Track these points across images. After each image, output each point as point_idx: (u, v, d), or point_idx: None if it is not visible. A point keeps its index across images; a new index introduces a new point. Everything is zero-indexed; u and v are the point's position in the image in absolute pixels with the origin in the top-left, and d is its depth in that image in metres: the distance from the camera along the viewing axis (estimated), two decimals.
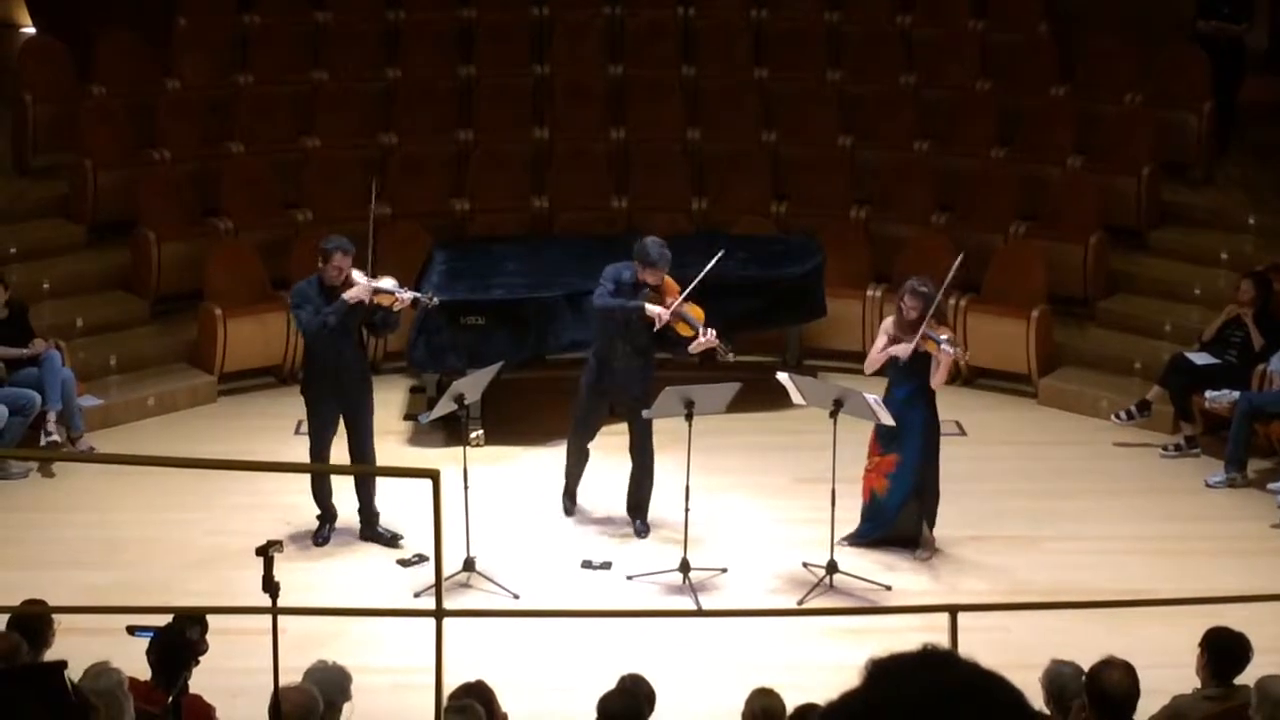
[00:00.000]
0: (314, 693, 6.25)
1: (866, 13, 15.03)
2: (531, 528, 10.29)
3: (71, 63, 13.96)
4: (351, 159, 13.91)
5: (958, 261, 10.17)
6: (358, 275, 9.90)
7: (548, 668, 8.77)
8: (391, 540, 10.16)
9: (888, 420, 9.51)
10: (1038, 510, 10.74)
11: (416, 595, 9.54)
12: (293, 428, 11.85)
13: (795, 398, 9.88)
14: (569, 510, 10.50)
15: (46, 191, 13.59)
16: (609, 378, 10.10)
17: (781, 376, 9.95)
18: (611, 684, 6.62)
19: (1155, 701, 6.51)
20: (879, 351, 9.91)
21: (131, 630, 6.66)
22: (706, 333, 9.89)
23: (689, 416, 9.54)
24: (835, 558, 9.64)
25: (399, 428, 11.82)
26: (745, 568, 9.90)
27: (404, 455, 11.24)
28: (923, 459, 9.84)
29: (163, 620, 6.76)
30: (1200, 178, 13.94)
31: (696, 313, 10.03)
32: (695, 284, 9.94)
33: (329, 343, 9.88)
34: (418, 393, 12.38)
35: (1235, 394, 11.27)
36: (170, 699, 6.21)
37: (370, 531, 10.20)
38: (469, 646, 8.46)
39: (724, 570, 9.84)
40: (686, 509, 9.52)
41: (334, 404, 9.99)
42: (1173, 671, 7.04)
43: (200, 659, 6.76)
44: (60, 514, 10.60)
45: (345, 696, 6.54)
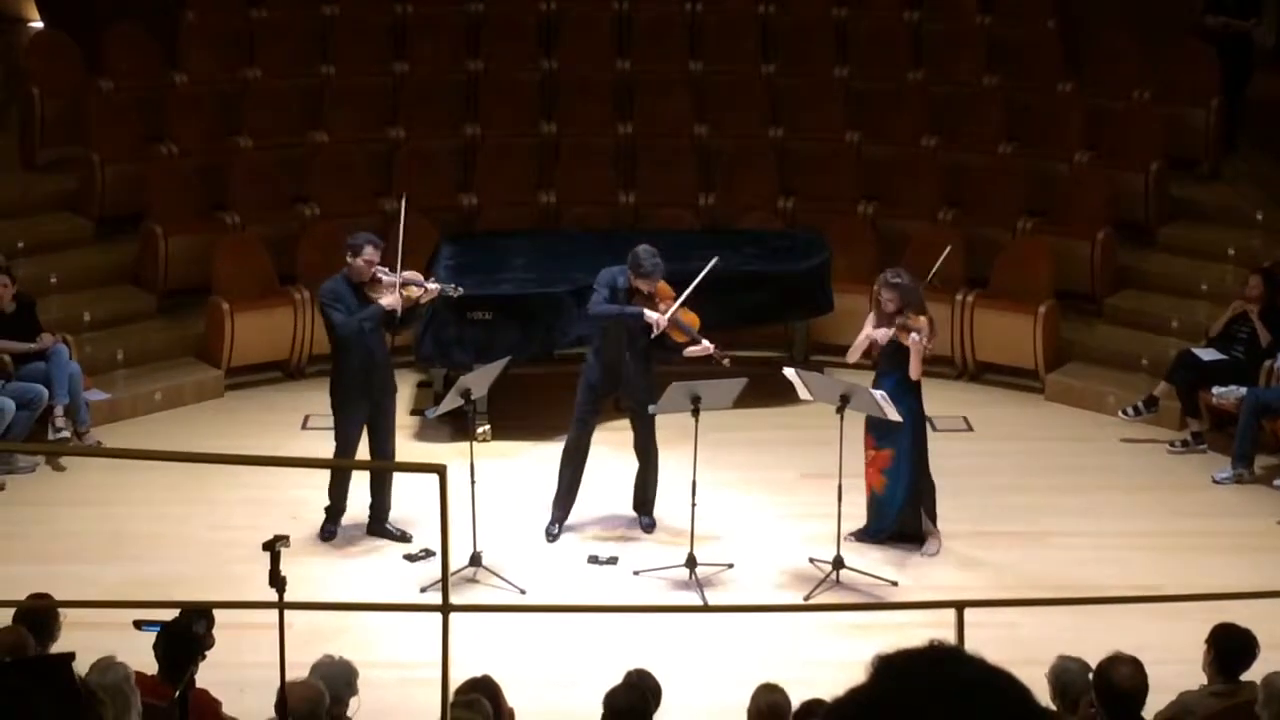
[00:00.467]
0: (320, 687, 6.26)
1: (874, 8, 15.00)
2: (538, 523, 10.27)
3: (79, 57, 13.95)
4: (359, 153, 13.93)
5: (944, 254, 10.15)
6: (381, 271, 9.86)
7: (554, 663, 8.77)
8: (401, 537, 10.16)
9: (894, 416, 9.50)
10: (1044, 506, 10.73)
11: (423, 590, 9.54)
12: (300, 422, 11.87)
13: (802, 393, 9.89)
14: (554, 536, 10.17)
15: (54, 186, 13.57)
16: (613, 380, 10.07)
17: (788, 372, 9.95)
18: (618, 679, 6.62)
19: (1162, 698, 6.51)
20: (857, 345, 10.00)
21: (138, 624, 6.66)
22: (702, 341, 9.90)
23: (695, 412, 9.54)
24: (842, 553, 9.64)
25: (406, 422, 11.81)
26: (752, 563, 9.90)
27: (411, 450, 11.23)
28: (914, 451, 9.85)
29: (169, 614, 6.76)
30: (1208, 174, 13.91)
31: (691, 319, 10.01)
32: (690, 291, 9.91)
33: (360, 342, 9.80)
34: (425, 387, 12.39)
35: (1242, 390, 11.27)
36: (177, 693, 6.21)
37: (379, 527, 10.20)
38: (475, 641, 8.47)
39: (730, 566, 9.84)
40: (693, 504, 9.52)
41: (364, 404, 9.90)
42: (1179, 667, 7.05)
43: (207, 653, 6.76)
44: (67, 508, 10.61)
45: (352, 691, 6.55)
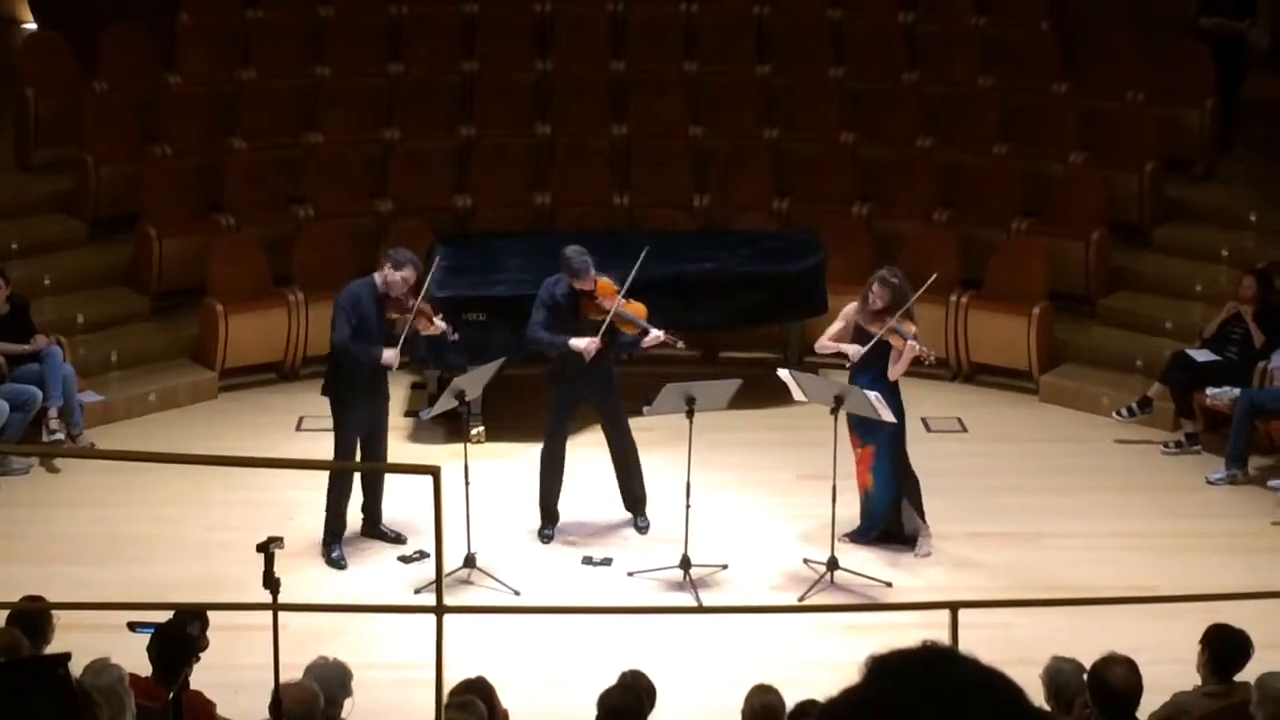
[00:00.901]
0: (315, 689, 6.26)
1: (869, 9, 15.01)
2: (532, 524, 10.27)
3: (74, 58, 13.94)
4: (354, 154, 13.92)
5: (930, 280, 10.10)
6: (408, 294, 9.76)
7: (548, 664, 8.77)
8: (395, 539, 10.15)
9: (888, 417, 9.50)
10: (1038, 507, 10.73)
11: (417, 591, 9.54)
12: (294, 424, 11.86)
13: (796, 394, 9.89)
14: (548, 537, 10.20)
15: (48, 187, 13.56)
16: (571, 386, 10.03)
17: (782, 373, 9.95)
18: (612, 680, 6.62)
19: (1156, 698, 6.51)
20: (830, 339, 9.99)
21: (132, 626, 6.66)
22: (652, 330, 9.88)
23: (690, 413, 9.55)
24: (836, 554, 9.64)
25: (400, 424, 11.79)
26: (746, 564, 9.90)
27: (405, 452, 11.23)
28: (892, 446, 9.84)
29: (163, 616, 6.76)
30: (1202, 174, 13.92)
31: (637, 310, 9.97)
32: (629, 282, 9.85)
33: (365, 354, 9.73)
34: (419, 389, 12.39)
35: (1236, 391, 11.28)
36: (171, 695, 6.21)
37: (373, 529, 10.19)
38: (470, 642, 8.48)
39: (725, 567, 9.84)
40: (687, 505, 9.52)
41: (364, 414, 9.85)
42: (1174, 668, 7.05)
43: (201, 655, 6.77)
44: (61, 510, 10.60)
45: (346, 692, 6.55)
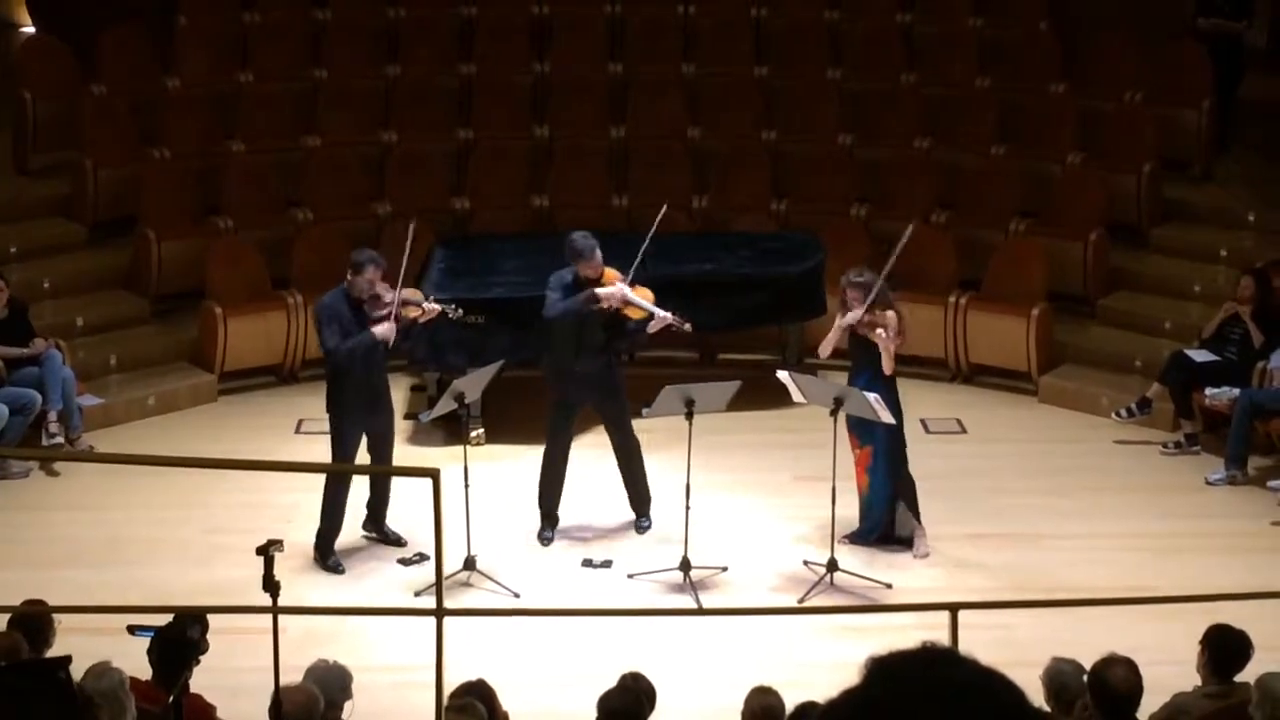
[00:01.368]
0: (315, 691, 6.26)
1: (867, 11, 15.01)
2: (532, 527, 10.27)
3: (72, 61, 13.95)
4: (352, 157, 13.92)
5: (908, 232, 10.09)
6: (382, 288, 9.81)
7: (548, 666, 8.77)
8: (396, 541, 10.14)
9: (888, 419, 9.50)
10: (1038, 508, 10.73)
11: (417, 594, 9.54)
12: (293, 426, 11.86)
13: (795, 396, 9.89)
14: (548, 539, 10.20)
15: (47, 190, 13.56)
16: (572, 387, 10.04)
17: (782, 375, 9.96)
18: (612, 682, 6.63)
19: (1156, 699, 6.51)
20: (827, 344, 9.98)
21: (132, 630, 6.66)
22: (658, 312, 9.88)
23: (689, 415, 9.54)
24: (836, 556, 9.64)
25: (400, 426, 11.76)
26: (746, 566, 9.90)
27: (404, 454, 11.21)
28: (889, 446, 9.84)
29: (163, 619, 6.76)
30: (1200, 175, 13.92)
31: (644, 294, 9.99)
32: (635, 266, 9.90)
33: (360, 364, 9.69)
34: (418, 391, 12.38)
35: (1235, 391, 11.27)
36: (171, 698, 6.20)
37: (376, 527, 10.17)
38: (470, 645, 8.48)
39: (724, 569, 9.84)
40: (687, 507, 9.51)
41: (362, 428, 9.84)
42: (1173, 669, 7.05)
43: (201, 658, 6.76)
44: (61, 513, 10.60)
45: (346, 695, 6.55)
